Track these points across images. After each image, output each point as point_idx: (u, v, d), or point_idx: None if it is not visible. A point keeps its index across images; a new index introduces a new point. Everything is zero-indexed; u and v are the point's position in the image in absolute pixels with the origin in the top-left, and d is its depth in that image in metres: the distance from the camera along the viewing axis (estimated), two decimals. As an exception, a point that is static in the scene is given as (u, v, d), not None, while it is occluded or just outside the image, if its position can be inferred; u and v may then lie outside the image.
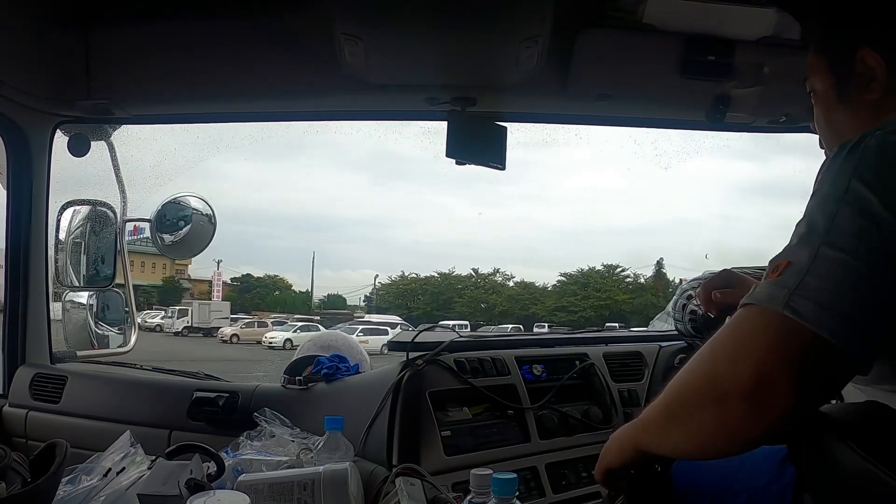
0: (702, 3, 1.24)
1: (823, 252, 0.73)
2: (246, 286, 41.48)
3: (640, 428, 0.88)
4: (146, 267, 45.98)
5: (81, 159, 1.80)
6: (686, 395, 0.81)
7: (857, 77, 0.89)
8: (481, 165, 1.58)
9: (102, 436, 1.31)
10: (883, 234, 0.72)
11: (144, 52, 1.45)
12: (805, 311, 0.70)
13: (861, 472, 0.68)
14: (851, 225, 0.74)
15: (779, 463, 0.93)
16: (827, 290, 0.71)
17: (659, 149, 1.99)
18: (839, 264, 0.72)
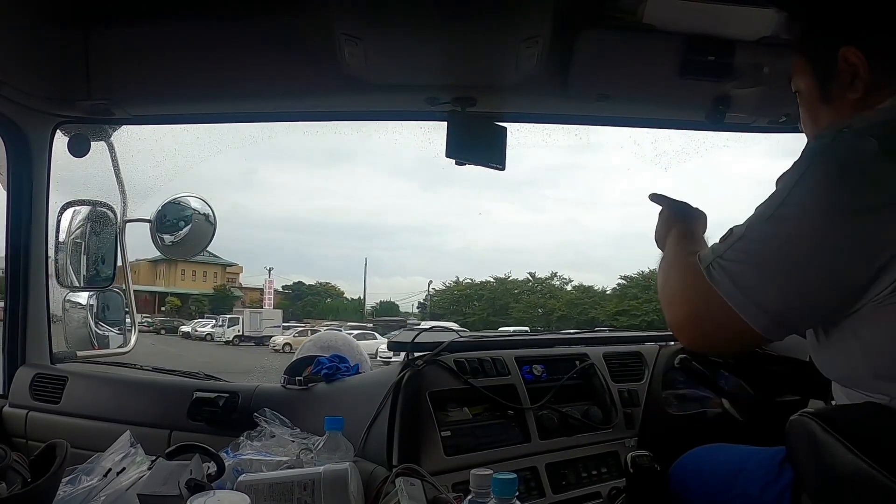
0: (702, 4, 1.24)
1: (750, 232, 0.84)
2: (297, 294, 41.26)
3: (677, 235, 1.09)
4: (197, 275, 46.32)
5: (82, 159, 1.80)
6: (664, 278, 1.02)
7: (840, 75, 0.90)
8: (481, 166, 1.58)
9: (102, 436, 1.31)
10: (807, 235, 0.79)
11: (144, 53, 1.45)
12: (718, 278, 0.84)
13: (859, 473, 0.68)
14: (781, 222, 0.81)
15: (776, 466, 0.93)
16: (738, 264, 0.83)
17: (659, 149, 1.98)
18: (762, 249, 0.82)
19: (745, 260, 0.82)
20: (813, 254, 0.78)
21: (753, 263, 0.81)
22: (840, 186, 0.77)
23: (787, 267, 0.79)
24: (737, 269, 0.82)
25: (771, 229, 0.81)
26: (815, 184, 0.79)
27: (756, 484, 0.95)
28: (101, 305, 1.99)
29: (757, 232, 0.82)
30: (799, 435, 0.78)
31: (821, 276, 0.78)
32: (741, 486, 0.98)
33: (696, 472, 1.12)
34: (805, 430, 0.76)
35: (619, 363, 1.61)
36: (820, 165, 0.80)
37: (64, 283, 1.87)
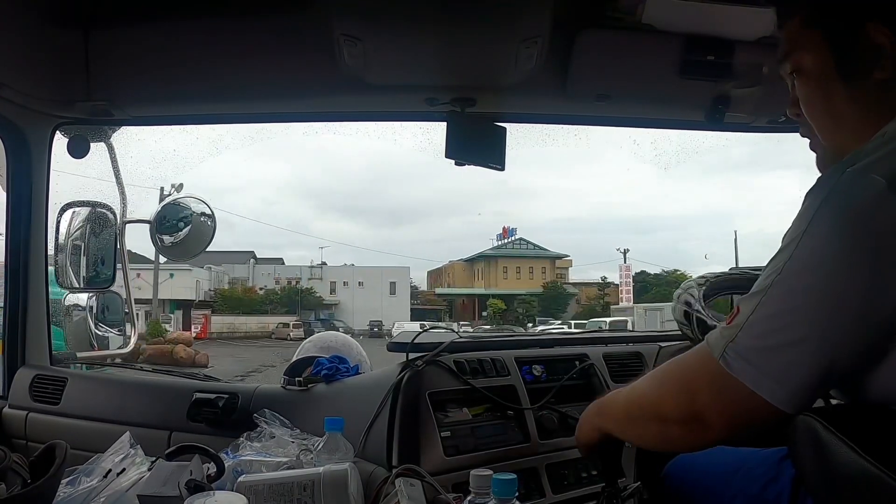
0: (701, 4, 1.24)
1: (760, 310, 0.76)
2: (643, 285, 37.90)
3: (604, 417, 0.99)
4: (522, 272, 43.20)
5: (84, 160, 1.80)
6: (638, 408, 0.91)
7: (863, 53, 0.82)
8: (481, 166, 1.58)
9: (102, 437, 1.31)
10: (818, 294, 0.72)
11: (144, 54, 1.45)
12: (736, 365, 0.76)
13: (862, 473, 0.68)
14: (788, 287, 0.74)
15: (775, 465, 0.93)
16: (756, 350, 0.75)
17: (658, 149, 1.99)
18: (772, 324, 0.75)
19: (761, 342, 0.75)
20: (828, 318, 0.71)
21: (769, 344, 0.74)
22: (846, 242, 0.71)
23: (801, 337, 0.72)
24: (754, 353, 0.75)
25: (781, 299, 0.74)
26: (819, 239, 0.73)
27: (756, 483, 0.95)
28: (101, 306, 1.99)
29: (767, 306, 0.75)
30: (802, 434, 0.77)
31: (840, 340, 0.72)
32: (740, 484, 0.98)
33: (692, 470, 1.12)
34: (808, 429, 0.75)
35: (619, 363, 1.61)
36: (823, 217, 0.73)
37: (64, 285, 1.87)
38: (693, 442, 0.84)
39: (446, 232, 68.50)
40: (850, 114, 0.87)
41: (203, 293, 37.73)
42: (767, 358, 0.74)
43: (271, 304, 39.19)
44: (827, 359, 0.72)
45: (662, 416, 0.85)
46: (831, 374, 0.73)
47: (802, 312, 0.72)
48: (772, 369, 0.73)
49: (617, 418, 0.96)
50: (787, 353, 0.73)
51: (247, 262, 44.65)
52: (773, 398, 0.74)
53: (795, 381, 0.73)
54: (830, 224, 0.73)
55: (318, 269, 44.83)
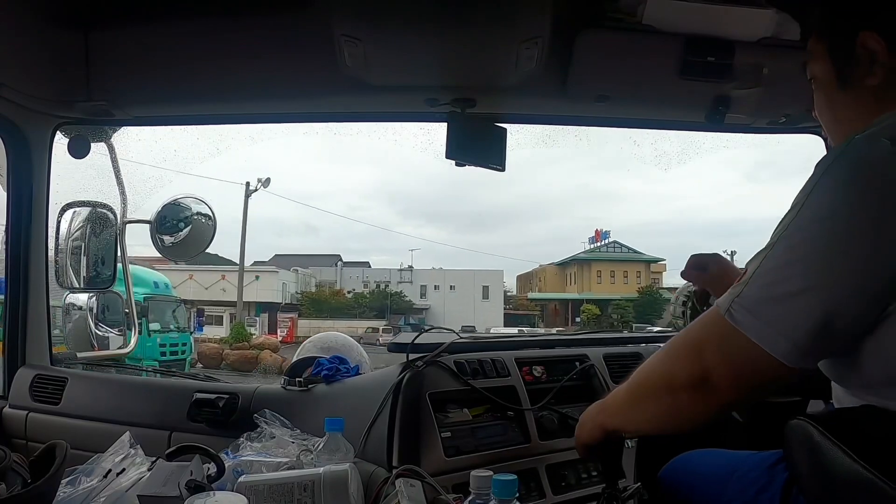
0: (701, 5, 1.24)
1: (765, 261, 0.78)
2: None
3: (606, 412, 0.99)
4: (616, 276, 40.93)
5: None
6: (647, 385, 0.91)
7: (858, 61, 0.86)
8: (481, 167, 1.58)
9: (102, 437, 1.31)
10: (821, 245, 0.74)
11: (144, 55, 1.46)
12: (741, 318, 0.77)
13: (856, 478, 0.68)
14: (793, 240, 0.76)
15: (768, 470, 0.93)
16: (760, 302, 0.77)
17: (659, 150, 1.99)
18: (776, 276, 0.76)
19: (764, 292, 0.76)
20: (829, 269, 0.73)
21: (773, 295, 0.75)
22: (853, 191, 0.74)
23: (803, 288, 0.73)
24: (758, 305, 0.76)
25: (785, 252, 0.76)
26: (827, 193, 0.75)
27: (749, 488, 0.95)
28: (101, 307, 1.99)
29: (771, 259, 0.77)
30: (796, 439, 0.77)
31: (842, 292, 0.73)
32: (734, 489, 0.98)
33: (686, 475, 1.12)
34: (803, 433, 0.76)
35: (619, 364, 1.61)
36: (831, 174, 0.76)
37: (64, 285, 1.87)
38: (701, 409, 0.83)
39: (529, 237, 67.73)
40: (849, 118, 0.91)
41: (289, 296, 36.26)
42: (770, 309, 0.75)
43: (360, 308, 37.49)
44: (827, 310, 0.73)
45: (671, 384, 0.85)
46: (831, 328, 0.73)
47: (805, 263, 0.74)
48: (774, 320, 0.75)
49: (620, 408, 0.96)
50: (789, 303, 0.74)
51: (334, 266, 43.07)
52: (775, 350, 0.75)
53: (796, 333, 0.74)
54: (837, 180, 0.75)
55: (407, 272, 42.58)
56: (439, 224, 69.24)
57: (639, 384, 0.93)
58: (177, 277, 29.80)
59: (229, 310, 26.30)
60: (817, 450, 0.73)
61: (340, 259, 44.63)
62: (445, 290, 41.51)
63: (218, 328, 25.62)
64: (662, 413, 0.89)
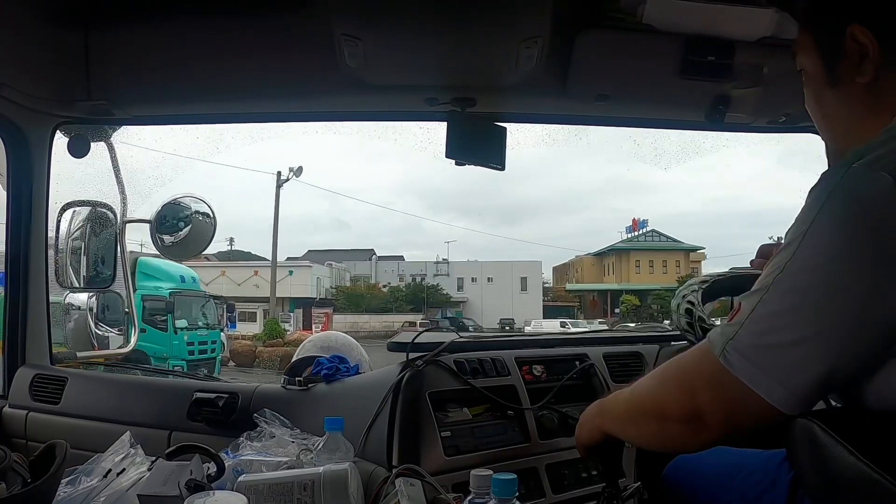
0: (701, 4, 1.24)
1: (760, 308, 0.74)
2: None
3: (606, 416, 0.98)
4: (655, 266, 39.63)
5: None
6: (639, 407, 0.90)
7: (848, 56, 0.82)
8: (481, 166, 1.58)
9: (102, 436, 1.31)
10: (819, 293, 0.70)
11: (144, 54, 1.45)
12: (736, 362, 0.74)
13: (861, 477, 0.68)
14: (789, 285, 0.73)
15: (773, 470, 0.93)
16: (757, 348, 0.74)
17: (659, 149, 1.99)
18: (772, 323, 0.73)
19: (761, 339, 0.73)
20: (829, 318, 0.70)
21: (770, 343, 0.73)
22: (852, 234, 0.69)
23: (802, 337, 0.70)
24: (753, 350, 0.73)
25: (781, 298, 0.73)
26: (824, 235, 0.71)
27: (755, 487, 0.95)
28: (101, 306, 1.99)
29: (766, 304, 0.74)
30: (801, 437, 0.77)
31: (841, 343, 0.70)
32: (738, 488, 0.98)
33: (690, 474, 1.12)
34: (807, 432, 0.75)
35: (619, 363, 1.61)
36: (828, 212, 0.71)
37: (64, 284, 1.87)
38: (692, 441, 0.83)
39: (560, 229, 67.07)
40: (839, 115, 0.88)
41: (324, 291, 35.44)
42: (767, 357, 0.72)
43: (396, 303, 36.36)
44: (827, 361, 0.70)
45: (662, 414, 0.84)
46: (832, 377, 0.71)
47: (803, 312, 0.71)
48: (771, 368, 0.72)
49: (618, 418, 0.96)
50: (787, 352, 0.71)
51: (368, 260, 42.02)
52: (771, 398, 0.72)
53: (795, 382, 0.72)
54: (835, 221, 0.71)
55: (443, 264, 41.33)
56: (470, 218, 68.75)
57: (633, 403, 0.92)
58: (208, 273, 28.30)
59: (262, 306, 25.44)
60: (821, 448, 0.73)
61: (374, 253, 43.45)
62: (483, 282, 40.22)
63: (251, 325, 24.98)
64: (654, 437, 0.89)
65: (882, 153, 0.71)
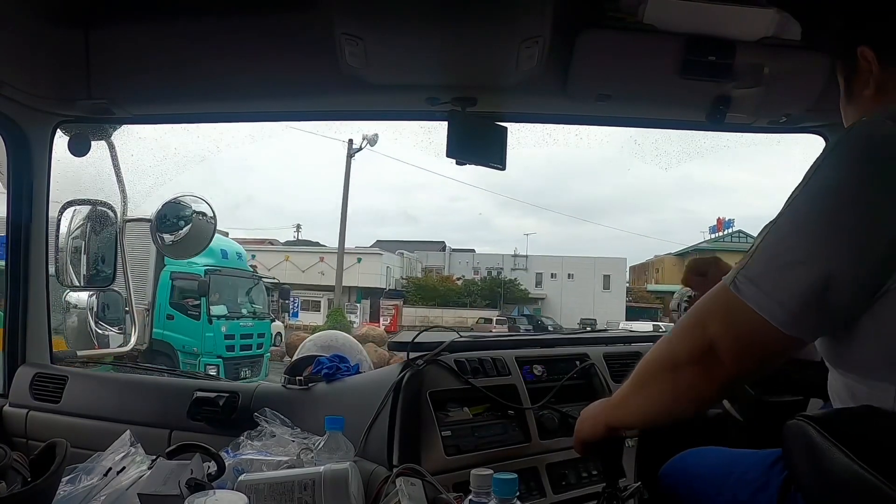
0: (702, 4, 1.24)
1: (769, 236, 0.80)
2: None
3: (609, 406, 0.99)
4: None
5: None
6: (650, 369, 0.91)
7: (859, 74, 0.92)
8: (482, 166, 1.58)
9: (103, 435, 1.31)
10: (820, 216, 0.77)
11: (145, 52, 1.45)
12: (745, 289, 0.79)
13: (855, 478, 0.68)
14: (797, 212, 0.79)
15: (766, 470, 0.93)
16: (763, 272, 0.79)
17: (660, 149, 1.99)
18: (778, 247, 0.79)
19: (767, 263, 0.79)
20: (828, 238, 0.75)
21: (775, 266, 0.78)
22: (857, 166, 0.76)
23: (803, 258, 0.76)
24: (761, 275, 0.78)
25: (789, 223, 0.79)
26: (832, 168, 0.78)
27: (747, 488, 0.95)
28: (101, 305, 1.99)
29: (775, 231, 0.80)
30: (795, 439, 0.78)
31: (840, 262, 0.74)
32: (731, 490, 0.98)
33: (685, 474, 1.12)
34: (802, 434, 0.76)
35: (620, 363, 1.61)
36: (836, 151, 0.79)
37: (64, 283, 1.87)
38: (705, 385, 0.83)
39: (630, 229, 67.02)
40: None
41: (393, 281, 32.80)
42: (772, 278, 0.77)
43: (470, 297, 33.69)
44: (822, 278, 0.74)
45: (675, 361, 0.85)
46: (827, 298, 0.74)
47: (805, 233, 0.77)
48: (774, 289, 0.76)
49: (624, 399, 0.96)
50: (789, 272, 0.76)
51: (441, 251, 39.36)
52: (774, 319, 0.76)
53: (795, 301, 0.75)
54: (842, 158, 0.78)
55: (521, 258, 38.03)
56: (539, 216, 68.16)
57: (641, 371, 0.93)
58: (271, 258, 26.98)
59: (328, 295, 23.70)
60: (816, 450, 0.73)
61: (446, 245, 40.72)
62: (563, 278, 37.30)
63: (315, 315, 23.61)
64: (666, 395, 0.89)
65: (890, 112, 0.79)
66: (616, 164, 48.76)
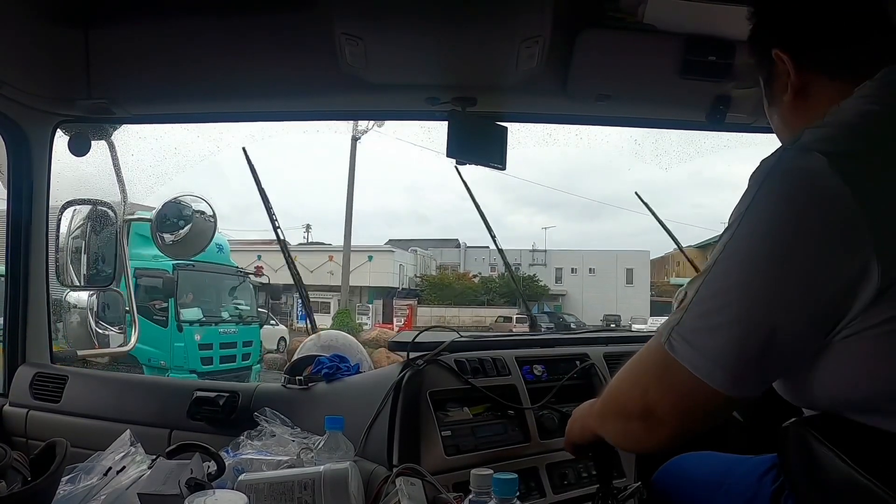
0: (702, 4, 1.24)
1: (702, 290, 0.75)
2: None
3: (591, 416, 0.99)
4: None
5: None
6: (605, 404, 0.92)
7: (777, 78, 0.87)
8: (482, 165, 1.58)
9: (103, 435, 1.31)
10: (752, 274, 0.71)
11: (145, 52, 1.45)
12: (680, 349, 0.75)
13: (852, 483, 0.68)
14: (728, 264, 0.73)
15: (758, 478, 0.93)
16: (696, 330, 0.74)
17: (660, 149, 1.99)
18: (712, 304, 0.73)
19: (700, 320, 0.73)
20: (762, 296, 0.70)
21: (709, 325, 0.72)
22: (790, 208, 0.69)
23: (737, 316, 0.70)
24: (694, 334, 0.73)
25: (721, 277, 0.73)
26: (762, 211, 0.71)
27: (739, 498, 0.95)
28: (102, 304, 1.99)
29: (707, 286, 0.74)
30: (792, 443, 0.77)
31: (778, 319, 0.69)
32: (723, 498, 0.98)
33: (678, 480, 1.12)
34: (799, 438, 0.76)
35: (620, 363, 1.60)
36: (765, 189, 0.72)
37: (64, 283, 1.87)
38: (651, 439, 0.82)
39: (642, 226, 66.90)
40: (780, 132, 0.92)
41: (407, 280, 30.96)
42: (705, 339, 0.72)
43: (488, 294, 31.54)
44: (760, 340, 0.70)
45: (625, 412, 0.84)
46: (768, 359, 0.71)
47: (736, 292, 0.71)
48: (709, 350, 0.72)
49: (597, 417, 0.96)
50: (723, 333, 0.71)
51: (456, 247, 36.87)
52: (713, 381, 0.72)
53: (732, 363, 0.71)
54: (770, 200, 0.71)
55: (541, 253, 35.65)
56: (551, 213, 67.69)
57: (604, 401, 0.93)
58: (279, 259, 26.24)
59: (338, 295, 22.08)
60: (813, 454, 0.73)
61: (460, 242, 38.10)
62: (584, 273, 35.07)
63: (324, 316, 21.47)
64: (621, 435, 0.89)
65: (816, 137, 0.73)
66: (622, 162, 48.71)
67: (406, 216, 64.65)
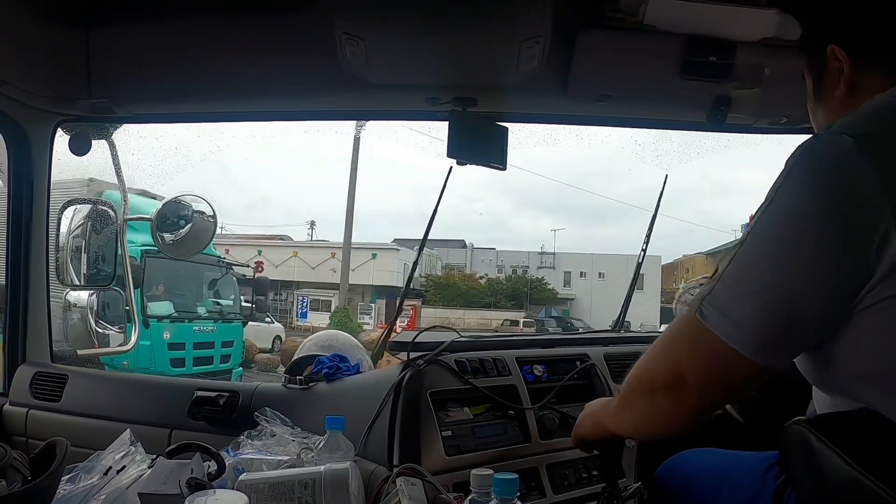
0: (703, 5, 1.24)
1: (734, 261, 0.79)
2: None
3: (609, 412, 1.00)
4: None
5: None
6: (631, 385, 0.92)
7: (830, 74, 0.90)
8: (482, 166, 1.58)
9: (103, 434, 1.31)
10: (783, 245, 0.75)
11: (145, 52, 1.45)
12: (712, 318, 0.78)
13: (853, 483, 0.68)
14: (760, 238, 0.78)
15: (762, 474, 0.93)
16: (729, 300, 0.77)
17: (660, 150, 1.99)
18: (744, 275, 0.78)
19: (733, 290, 0.78)
20: (791, 266, 0.74)
21: (741, 293, 0.77)
22: (817, 189, 0.74)
23: (768, 285, 0.74)
24: (726, 303, 0.77)
25: (753, 249, 0.78)
26: (792, 191, 0.77)
27: (743, 493, 0.95)
28: (102, 304, 1.99)
29: (739, 257, 0.78)
30: (793, 443, 0.78)
31: (806, 289, 0.74)
32: (728, 493, 0.98)
33: (682, 476, 1.12)
34: (799, 438, 0.76)
35: (620, 363, 1.61)
36: (796, 171, 0.77)
37: (64, 282, 1.87)
38: (675, 411, 0.83)
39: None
40: (822, 127, 0.94)
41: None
42: (737, 307, 0.76)
43: (494, 297, 31.40)
44: (789, 309, 0.74)
45: (651, 386, 0.86)
46: (796, 328, 0.74)
47: (768, 262, 0.75)
48: (740, 318, 0.75)
49: (616, 409, 0.97)
50: (754, 301, 0.75)
51: (462, 247, 36.49)
52: (743, 348, 0.75)
53: (762, 331, 0.75)
54: (800, 179, 0.76)
55: (549, 255, 35.46)
56: (556, 216, 67.34)
57: (628, 386, 0.94)
58: (279, 254, 24.45)
59: (339, 293, 21.14)
60: (814, 454, 0.74)
61: (466, 242, 37.85)
62: (593, 277, 34.57)
63: (325, 315, 21.25)
64: (643, 416, 0.90)
65: (847, 122, 0.78)
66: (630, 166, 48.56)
67: (412, 217, 64.39)
